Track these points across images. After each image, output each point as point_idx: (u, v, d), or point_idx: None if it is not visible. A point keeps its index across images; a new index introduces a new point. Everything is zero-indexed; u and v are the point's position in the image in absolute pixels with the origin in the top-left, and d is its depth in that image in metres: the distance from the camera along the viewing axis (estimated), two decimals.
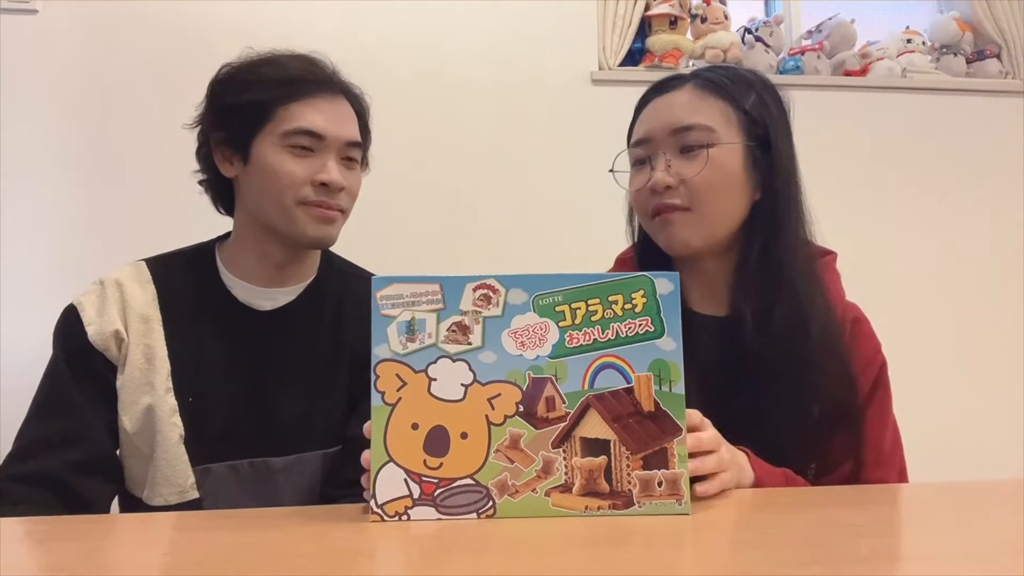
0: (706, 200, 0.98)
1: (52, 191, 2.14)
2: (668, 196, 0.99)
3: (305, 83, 1.09)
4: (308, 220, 1.08)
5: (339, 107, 1.11)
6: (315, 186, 1.07)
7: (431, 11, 2.38)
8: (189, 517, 0.87)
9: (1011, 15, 2.74)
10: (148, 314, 1.08)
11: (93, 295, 1.09)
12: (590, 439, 0.71)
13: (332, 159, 1.09)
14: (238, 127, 1.09)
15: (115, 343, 1.06)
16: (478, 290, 0.72)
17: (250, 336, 1.12)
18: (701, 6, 2.62)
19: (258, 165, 1.08)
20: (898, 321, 2.55)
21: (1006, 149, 2.67)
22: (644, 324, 0.72)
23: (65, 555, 0.66)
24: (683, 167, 0.99)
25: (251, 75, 1.10)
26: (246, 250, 1.14)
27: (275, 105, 1.07)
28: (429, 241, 2.31)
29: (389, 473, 0.70)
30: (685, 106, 1.00)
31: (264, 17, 2.24)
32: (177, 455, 1.05)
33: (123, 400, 1.05)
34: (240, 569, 0.59)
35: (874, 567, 0.59)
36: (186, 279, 1.13)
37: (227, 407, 1.09)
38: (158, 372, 1.06)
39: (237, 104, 1.09)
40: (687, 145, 0.99)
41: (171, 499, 1.04)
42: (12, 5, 2.12)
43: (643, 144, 1.03)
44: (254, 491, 1.08)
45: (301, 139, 1.07)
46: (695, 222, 0.99)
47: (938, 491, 0.87)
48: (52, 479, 0.99)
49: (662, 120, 1.01)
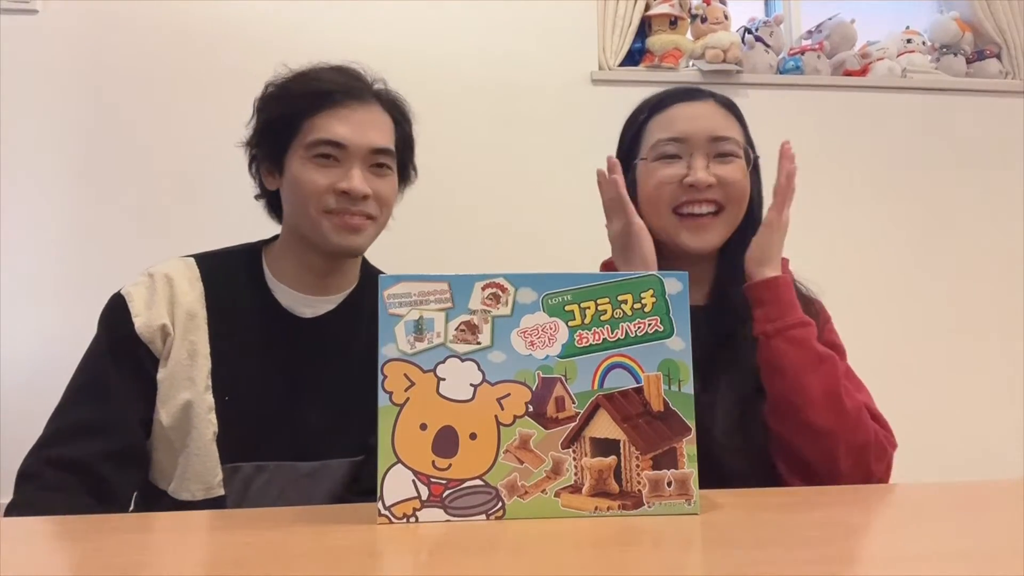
0: (736, 203, 1.09)
1: (52, 191, 2.14)
2: (706, 193, 1.07)
3: (330, 94, 1.10)
4: (332, 229, 1.09)
5: (368, 115, 1.12)
6: (337, 195, 1.08)
7: (431, 11, 2.38)
8: (190, 517, 0.87)
9: (1011, 15, 2.75)
10: (195, 311, 1.09)
11: (142, 287, 1.09)
12: (600, 439, 0.71)
13: (356, 167, 1.09)
14: (273, 142, 1.12)
15: (160, 337, 1.06)
16: (487, 289, 0.72)
17: (290, 342, 1.13)
18: (701, 6, 2.62)
19: (289, 177, 1.11)
20: (898, 321, 2.56)
21: (1006, 149, 2.67)
22: (653, 324, 0.72)
23: (65, 555, 0.66)
24: (721, 170, 1.07)
25: (282, 90, 1.13)
26: (289, 258, 1.16)
27: (302, 118, 1.09)
28: (429, 241, 2.30)
29: (397, 474, 0.70)
30: (718, 119, 1.10)
31: (265, 17, 2.24)
32: (209, 452, 1.05)
33: (162, 394, 1.06)
34: (246, 570, 0.59)
35: (874, 567, 0.60)
36: (234, 280, 1.14)
37: (261, 409, 1.09)
38: (199, 369, 1.07)
39: (270, 119, 1.13)
40: (724, 153, 1.08)
41: (198, 494, 1.05)
42: (12, 5, 2.11)
43: (678, 142, 1.08)
44: (279, 493, 1.09)
45: (324, 148, 1.08)
46: (723, 223, 1.08)
47: (937, 491, 0.87)
48: (84, 466, 1.00)
49: (698, 125, 1.08)
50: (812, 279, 1.16)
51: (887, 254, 2.57)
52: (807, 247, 2.44)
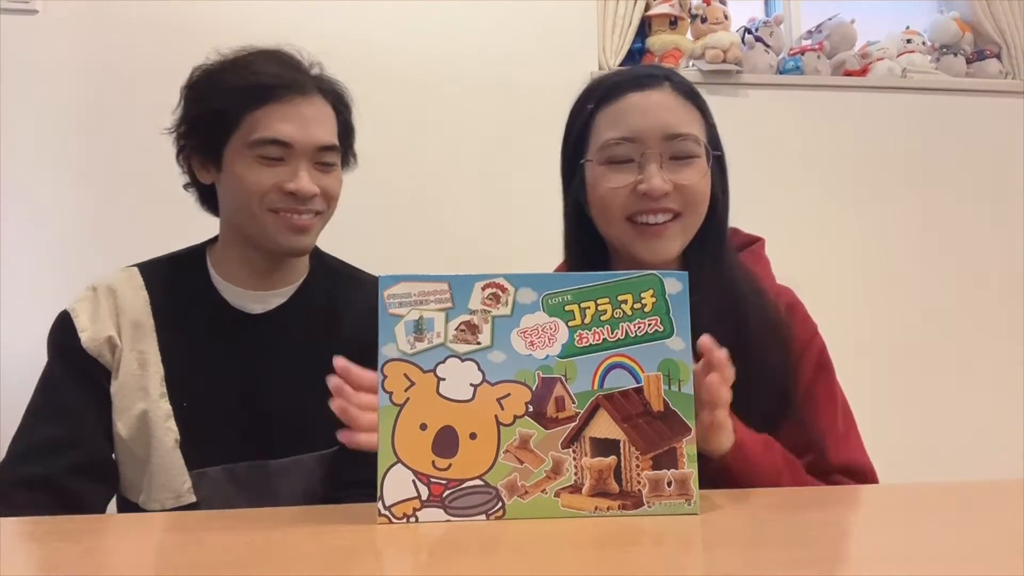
0: (696, 209, 0.99)
1: (52, 191, 2.14)
2: (662, 202, 0.97)
3: (272, 88, 1.05)
4: (278, 228, 1.07)
5: (312, 109, 1.08)
6: (283, 194, 1.06)
7: (431, 11, 2.37)
8: (190, 517, 0.87)
9: (1011, 15, 2.75)
10: (141, 320, 1.08)
11: (87, 301, 1.09)
12: (600, 439, 0.71)
13: (303, 167, 1.06)
14: (209, 135, 1.08)
15: (108, 349, 1.06)
16: (487, 289, 0.72)
17: (242, 340, 1.11)
18: (701, 6, 2.62)
19: (229, 175, 1.07)
20: (898, 321, 2.56)
21: (1006, 149, 2.67)
22: (653, 324, 0.72)
23: (64, 555, 0.66)
24: (678, 174, 0.97)
25: (219, 81, 1.08)
26: (231, 254, 1.13)
27: (242, 113, 1.05)
28: (429, 241, 2.30)
29: (397, 474, 0.70)
30: (674, 112, 0.99)
31: (265, 17, 2.23)
32: (173, 460, 1.05)
33: (117, 406, 1.05)
34: (247, 570, 0.59)
35: (873, 567, 0.59)
36: (178, 284, 1.12)
37: (222, 411, 1.08)
38: (152, 377, 1.06)
39: (206, 112, 1.08)
40: (681, 154, 0.98)
41: (167, 503, 1.04)
42: (12, 5, 2.11)
43: (629, 142, 0.98)
44: (251, 494, 1.08)
45: (269, 149, 1.05)
46: (682, 231, 0.99)
47: (937, 491, 0.87)
48: (50, 483, 0.99)
49: (652, 120, 0.98)
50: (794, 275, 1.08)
51: (886, 254, 2.57)
52: (806, 247, 2.44)
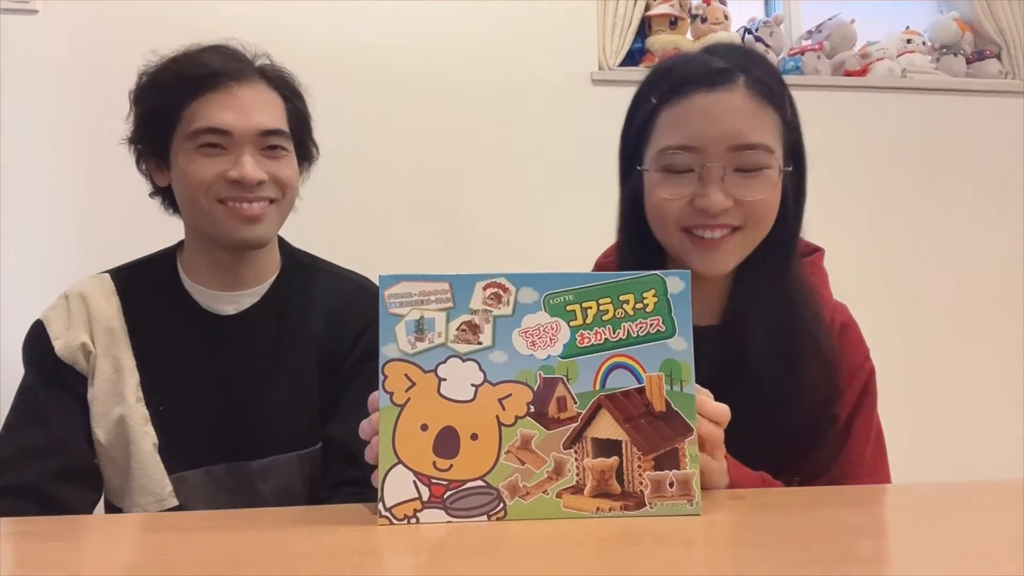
0: (761, 223, 0.92)
1: (52, 191, 2.14)
2: (721, 219, 0.90)
3: (208, 77, 1.03)
4: (228, 219, 1.04)
5: (252, 95, 1.05)
6: (229, 183, 1.03)
7: (431, 11, 2.37)
8: (189, 517, 0.87)
9: (1011, 15, 2.75)
10: (113, 326, 1.08)
11: (59, 309, 1.08)
12: (601, 440, 0.70)
13: (246, 154, 1.03)
14: (154, 136, 1.07)
15: (83, 356, 1.06)
16: (488, 289, 0.71)
17: (216, 341, 1.10)
18: (701, 6, 2.62)
19: (176, 172, 1.06)
20: (897, 321, 2.55)
21: (1006, 149, 2.67)
22: (655, 324, 0.72)
23: (62, 555, 0.66)
24: (742, 188, 0.89)
25: (156, 79, 1.08)
26: (197, 255, 1.12)
27: (180, 107, 1.04)
28: (429, 241, 2.30)
29: (398, 475, 0.70)
30: (745, 117, 0.90)
31: (265, 17, 2.23)
32: (152, 464, 1.05)
33: (95, 412, 1.05)
34: (247, 570, 0.59)
35: (874, 567, 0.59)
36: (150, 288, 1.12)
37: (199, 413, 1.08)
38: (127, 382, 1.06)
39: (148, 112, 1.07)
40: (747, 166, 0.90)
41: (150, 508, 1.04)
42: (12, 5, 2.11)
43: (690, 151, 0.90)
44: (232, 496, 1.08)
45: (208, 137, 1.03)
46: (741, 245, 0.93)
47: (937, 491, 0.87)
48: (32, 490, 0.99)
49: (718, 129, 0.89)
50: None
51: (886, 254, 2.57)
52: None
